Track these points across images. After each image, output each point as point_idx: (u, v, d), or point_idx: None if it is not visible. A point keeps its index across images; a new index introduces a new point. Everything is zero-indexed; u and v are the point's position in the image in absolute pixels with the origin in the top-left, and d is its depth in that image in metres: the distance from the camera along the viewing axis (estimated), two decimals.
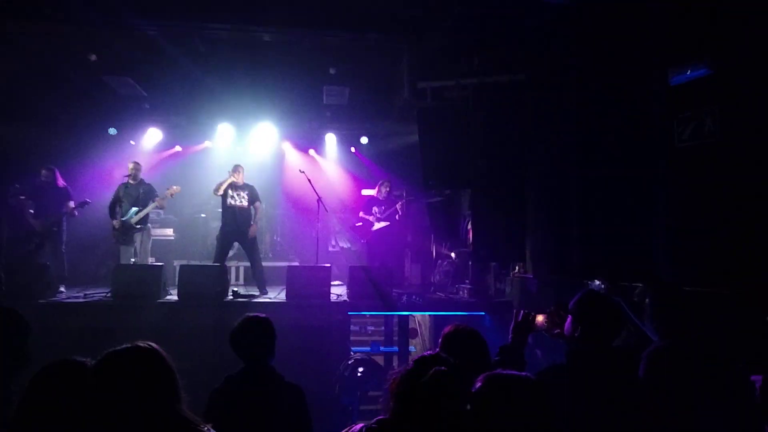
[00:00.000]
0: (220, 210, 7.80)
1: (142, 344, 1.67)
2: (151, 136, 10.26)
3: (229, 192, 7.42)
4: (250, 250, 7.54)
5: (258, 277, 7.45)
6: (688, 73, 4.29)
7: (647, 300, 2.65)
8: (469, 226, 7.43)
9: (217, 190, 7.44)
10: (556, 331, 2.62)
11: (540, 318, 2.69)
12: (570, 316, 2.37)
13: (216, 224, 9.47)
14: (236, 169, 7.56)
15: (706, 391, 2.26)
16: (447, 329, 2.56)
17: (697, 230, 4.26)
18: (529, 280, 6.61)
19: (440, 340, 2.53)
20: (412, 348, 8.64)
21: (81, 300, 6.61)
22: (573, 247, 5.52)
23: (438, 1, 6.24)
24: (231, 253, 8.39)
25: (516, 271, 6.95)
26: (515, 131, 6.55)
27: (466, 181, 6.95)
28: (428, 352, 1.97)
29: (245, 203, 7.47)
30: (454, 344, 2.46)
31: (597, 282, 3.56)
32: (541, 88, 6.43)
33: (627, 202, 4.99)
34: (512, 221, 6.47)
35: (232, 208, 7.43)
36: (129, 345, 1.66)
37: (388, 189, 8.32)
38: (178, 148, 10.56)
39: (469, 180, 6.82)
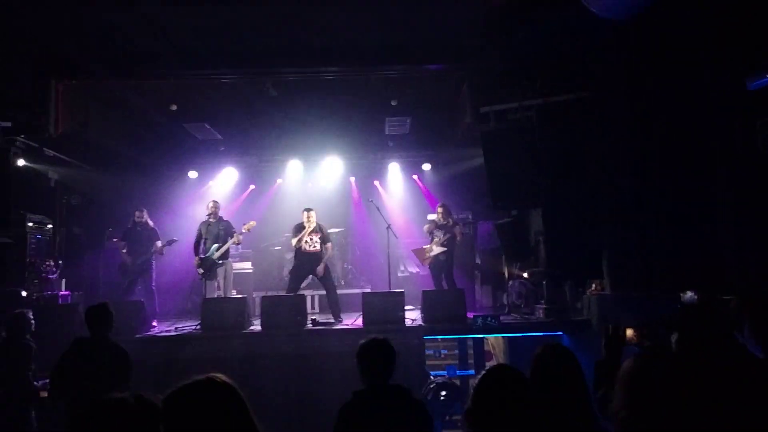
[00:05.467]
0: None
1: (215, 377, 1.64)
2: (228, 176, 10.94)
3: (304, 237, 7.76)
4: (325, 280, 7.80)
5: (333, 305, 7.65)
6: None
7: (744, 314, 2.58)
8: (542, 245, 7.36)
9: (299, 242, 7.76)
10: (646, 344, 2.74)
11: (630, 332, 2.78)
12: (674, 330, 2.34)
13: (290, 255, 9.86)
14: (308, 214, 7.87)
15: None
16: (537, 351, 2.62)
17: None
18: (607, 297, 6.46)
19: (532, 362, 2.58)
20: None
21: (173, 333, 7.01)
22: (655, 260, 5.38)
23: (496, 28, 6.34)
24: (305, 283, 8.69)
25: (593, 288, 6.81)
26: (583, 148, 6.50)
27: (535, 200, 6.93)
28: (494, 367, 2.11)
29: (318, 247, 7.77)
30: (546, 364, 2.51)
31: (690, 294, 3.49)
32: (608, 103, 6.38)
33: (711, 212, 4.85)
34: (586, 237, 6.37)
35: (307, 253, 7.76)
36: (198, 377, 1.63)
37: (442, 213, 8.24)
38: (252, 187, 11.15)
39: (539, 199, 6.79)
